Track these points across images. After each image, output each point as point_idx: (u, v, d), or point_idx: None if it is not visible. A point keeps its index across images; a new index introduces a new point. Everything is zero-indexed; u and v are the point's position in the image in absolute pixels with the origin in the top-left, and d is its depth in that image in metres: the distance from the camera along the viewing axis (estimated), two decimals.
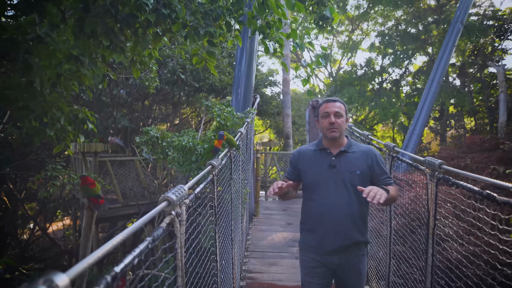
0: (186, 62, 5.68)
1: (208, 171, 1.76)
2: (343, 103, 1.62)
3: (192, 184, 1.43)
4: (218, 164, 1.85)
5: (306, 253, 1.62)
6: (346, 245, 1.52)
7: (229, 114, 4.06)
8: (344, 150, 1.57)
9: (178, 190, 1.15)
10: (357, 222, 1.52)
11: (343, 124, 1.57)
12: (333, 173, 1.54)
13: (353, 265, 1.56)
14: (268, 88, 9.52)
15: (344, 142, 1.60)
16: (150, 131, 4.40)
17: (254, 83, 5.33)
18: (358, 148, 1.61)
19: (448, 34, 8.69)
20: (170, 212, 1.09)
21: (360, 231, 1.54)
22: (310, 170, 1.60)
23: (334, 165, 1.55)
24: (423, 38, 14.64)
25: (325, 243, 1.53)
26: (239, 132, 3.08)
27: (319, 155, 1.61)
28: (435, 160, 1.66)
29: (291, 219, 5.20)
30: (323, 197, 1.54)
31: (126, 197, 6.04)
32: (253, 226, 4.79)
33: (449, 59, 8.45)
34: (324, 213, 1.53)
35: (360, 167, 1.54)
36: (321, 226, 1.54)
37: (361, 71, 15.88)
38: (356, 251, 1.56)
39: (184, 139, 3.84)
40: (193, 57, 1.85)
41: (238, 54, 4.85)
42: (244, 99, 4.66)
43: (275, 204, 6.44)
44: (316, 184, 1.56)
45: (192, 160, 3.70)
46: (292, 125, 9.15)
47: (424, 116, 7.89)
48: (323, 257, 1.55)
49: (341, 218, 1.51)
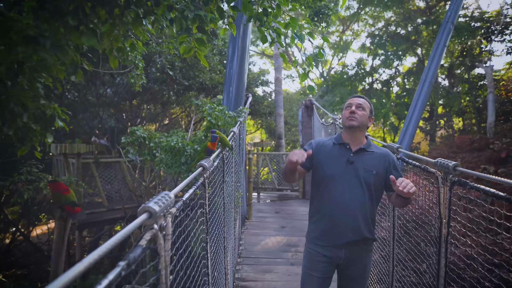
0: (175, 59, 5.44)
1: (199, 174, 1.58)
2: (369, 101, 1.65)
3: (181, 188, 1.24)
4: (209, 166, 1.66)
5: (313, 246, 1.62)
6: (355, 240, 1.54)
7: (220, 113, 3.86)
8: (363, 148, 1.58)
9: (162, 199, 0.95)
10: (367, 220, 1.55)
11: (363, 117, 1.57)
12: (350, 169, 1.55)
13: (359, 260, 1.58)
14: (260, 88, 9.37)
15: (364, 141, 1.62)
16: (137, 131, 4.16)
17: (246, 82, 5.15)
18: (377, 149, 1.62)
19: (439, 34, 8.72)
20: (151, 226, 0.90)
21: (370, 229, 1.56)
22: (328, 163, 1.59)
23: (352, 161, 1.55)
24: (413, 39, 14.77)
25: (335, 237, 1.55)
26: (232, 132, 2.90)
27: (337, 149, 1.61)
28: (448, 161, 1.52)
29: (284, 222, 5.04)
30: (338, 191, 1.54)
31: (112, 200, 5.76)
32: (246, 230, 4.60)
33: (440, 59, 8.47)
34: (337, 207, 1.54)
35: (377, 168, 1.56)
36: (333, 220, 1.55)
37: (352, 72, 15.92)
38: (363, 246, 1.58)
39: (173, 140, 3.62)
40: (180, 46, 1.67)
41: (230, 51, 4.66)
42: (236, 97, 4.47)
43: (267, 206, 6.27)
44: (331, 178, 1.56)
45: (182, 162, 3.49)
46: (284, 125, 9.01)
47: (416, 116, 7.87)
48: (331, 250, 1.56)
49: (354, 214, 1.52)
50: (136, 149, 4.22)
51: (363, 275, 1.60)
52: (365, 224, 1.54)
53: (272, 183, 7.93)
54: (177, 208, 1.08)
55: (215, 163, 1.96)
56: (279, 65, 8.40)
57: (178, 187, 1.16)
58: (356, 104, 1.59)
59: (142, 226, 0.91)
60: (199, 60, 6.08)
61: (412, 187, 1.33)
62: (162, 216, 0.90)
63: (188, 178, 1.40)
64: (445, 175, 1.53)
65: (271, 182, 8.12)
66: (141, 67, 4.32)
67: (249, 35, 4.80)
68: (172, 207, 1.01)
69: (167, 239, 0.98)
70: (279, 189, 7.78)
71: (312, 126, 6.67)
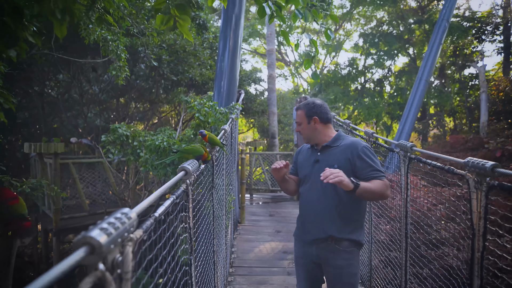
0: (162, 52, 5.08)
1: (180, 179, 1.26)
2: (305, 106, 1.64)
3: (153, 200, 0.92)
4: (194, 169, 1.34)
5: (295, 242, 1.71)
6: (321, 238, 1.53)
7: (210, 109, 3.54)
8: (327, 145, 1.60)
9: (115, 222, 0.63)
10: (334, 218, 1.50)
11: (304, 130, 1.64)
12: (316, 168, 1.58)
13: (331, 260, 1.52)
14: (252, 86, 9.06)
15: (329, 137, 1.62)
16: (119, 129, 3.80)
17: (238, 76, 4.85)
18: (344, 142, 1.59)
19: (434, 32, 8.58)
20: (95, 265, 0.58)
21: (337, 227, 1.50)
22: (302, 166, 1.69)
23: (317, 160, 1.60)
24: (406, 38, 14.72)
25: (304, 234, 1.61)
26: (223, 130, 2.59)
27: (310, 152, 1.69)
28: (485, 162, 1.27)
29: (279, 226, 4.76)
30: (307, 191, 1.61)
31: (96, 204, 5.37)
32: (238, 235, 4.29)
33: (436, 57, 8.33)
34: (306, 206, 1.61)
35: (339, 160, 1.53)
36: (303, 219, 1.63)
37: (345, 71, 15.78)
38: (334, 246, 1.51)
39: (158, 138, 3.29)
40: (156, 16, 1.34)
41: (221, 44, 4.34)
42: (228, 93, 4.15)
43: (260, 208, 5.97)
44: (304, 179, 1.65)
45: (167, 163, 3.16)
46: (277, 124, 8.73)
47: (413, 115, 7.71)
48: (304, 247, 1.61)
49: (318, 212, 1.54)
50: (118, 148, 3.86)
51: (340, 278, 1.50)
52: (331, 222, 1.50)
53: (265, 184, 7.64)
54: (144, 229, 0.76)
55: (202, 166, 1.64)
56: (272, 61, 8.11)
57: (147, 200, 0.84)
58: (296, 122, 1.68)
59: None
60: (189, 54, 5.72)
61: (335, 177, 1.30)
62: (114, 248, 0.60)
63: (164, 185, 1.09)
64: (480, 177, 1.30)
65: (264, 182, 7.84)
66: (123, 58, 3.98)
67: (241, 27, 4.49)
68: (133, 230, 0.70)
69: (126, 279, 0.66)
70: (272, 190, 7.49)
71: None
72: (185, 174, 1.26)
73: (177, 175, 1.23)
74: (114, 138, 3.78)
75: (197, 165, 1.37)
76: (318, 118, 1.60)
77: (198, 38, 5.67)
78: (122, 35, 4.16)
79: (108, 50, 3.80)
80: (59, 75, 8.58)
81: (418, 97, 7.88)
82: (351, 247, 1.51)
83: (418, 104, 7.90)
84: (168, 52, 5.30)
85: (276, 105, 8.05)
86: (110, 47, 3.74)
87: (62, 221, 4.70)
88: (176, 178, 1.20)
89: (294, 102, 12.23)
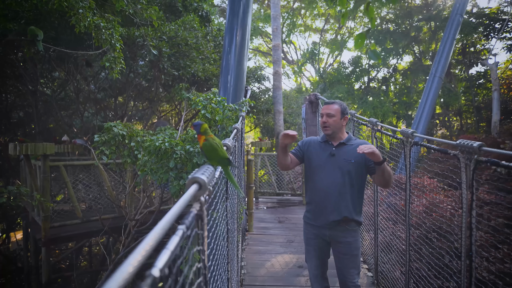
0: (163, 44, 4.65)
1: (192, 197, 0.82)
2: (340, 104, 1.90)
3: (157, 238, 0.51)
4: (208, 181, 0.89)
5: (306, 225, 1.97)
6: (336, 220, 1.81)
7: (218, 105, 3.13)
8: (343, 143, 1.88)
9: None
10: (347, 201, 1.80)
11: (334, 123, 1.86)
12: (332, 160, 1.85)
13: (341, 238, 1.83)
14: (256, 84, 8.64)
15: (344, 137, 1.91)
16: (114, 128, 3.39)
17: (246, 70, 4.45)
18: (356, 141, 1.89)
19: (447, 27, 8.18)
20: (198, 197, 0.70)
21: (349, 210, 1.81)
22: (315, 157, 1.91)
23: (333, 154, 1.86)
24: (413, 36, 14.34)
25: (319, 218, 1.86)
26: (235, 130, 2.17)
27: (323, 145, 1.92)
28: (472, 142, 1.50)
29: (291, 235, 4.34)
30: (321, 179, 1.85)
31: (91, 209, 4.95)
32: (247, 246, 3.87)
33: (450, 52, 7.93)
34: (321, 192, 1.84)
35: (355, 157, 1.81)
36: (317, 203, 1.87)
37: (349, 69, 15.40)
38: (345, 226, 1.82)
39: (158, 139, 2.87)
40: None
41: (227, 36, 3.92)
42: (235, 88, 3.74)
43: (268, 214, 5.55)
44: (317, 168, 1.88)
45: (170, 167, 2.74)
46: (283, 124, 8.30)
47: (427, 113, 7.31)
48: (318, 229, 1.88)
49: (334, 197, 1.80)
50: (113, 149, 3.44)
51: (350, 252, 1.84)
52: (345, 206, 1.80)
53: (271, 186, 7.23)
54: None
55: (217, 173, 1.21)
56: (278, 58, 7.70)
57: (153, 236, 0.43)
58: (326, 114, 1.88)
59: None
60: (191, 48, 5.28)
61: (369, 148, 1.59)
62: None
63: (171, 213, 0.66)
64: (468, 155, 1.52)
65: (269, 185, 7.42)
66: (118, 48, 3.56)
67: (249, 17, 4.08)
68: None
69: None
70: (279, 193, 7.08)
71: (317, 124, 5.99)
72: (199, 189, 0.80)
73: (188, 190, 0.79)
74: (108, 138, 3.36)
75: (212, 172, 0.92)
76: (348, 118, 1.92)
77: (201, 30, 5.25)
78: (117, 23, 3.75)
79: (101, 40, 3.38)
80: (55, 73, 8.17)
81: (432, 96, 7.48)
82: (356, 226, 1.86)
83: (432, 103, 7.51)
84: (169, 45, 4.88)
85: (282, 103, 7.64)
86: (103, 35, 3.32)
87: (52, 229, 4.27)
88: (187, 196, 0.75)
89: (298, 101, 11.80)
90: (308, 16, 18.75)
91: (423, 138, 2.74)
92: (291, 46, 20.02)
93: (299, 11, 18.35)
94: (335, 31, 18.65)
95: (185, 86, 5.35)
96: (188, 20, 4.91)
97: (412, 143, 2.22)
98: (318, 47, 16.79)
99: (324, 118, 1.87)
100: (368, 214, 3.39)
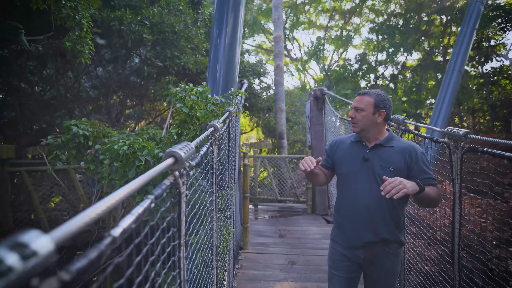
0: (144, 30, 3.96)
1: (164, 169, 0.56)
2: (377, 95, 1.53)
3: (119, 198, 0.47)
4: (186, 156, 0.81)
5: (334, 244, 1.61)
6: (373, 241, 1.48)
7: (200, 97, 2.46)
8: (380, 144, 1.51)
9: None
10: (386, 219, 1.46)
11: (364, 118, 1.51)
12: (365, 167, 1.50)
13: (379, 262, 1.51)
14: (256, 81, 7.96)
15: (382, 136, 1.54)
16: (73, 126, 2.73)
17: (239, 64, 3.79)
18: (398, 143, 1.52)
19: (466, 16, 7.43)
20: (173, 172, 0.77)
21: (390, 229, 1.47)
22: (344, 162, 1.58)
23: (367, 159, 1.51)
24: (423, 29, 13.58)
25: (351, 238, 1.52)
26: (211, 128, 1.49)
27: (355, 147, 1.58)
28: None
29: (294, 253, 3.65)
30: (353, 190, 1.52)
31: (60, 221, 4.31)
32: (240, 270, 3.19)
33: (469, 44, 7.18)
34: (353, 206, 1.51)
35: (396, 163, 1.46)
36: (349, 220, 1.53)
37: (355, 66, 14.70)
38: (383, 248, 1.49)
39: (118, 141, 2.21)
40: None
41: (217, 13, 3.25)
42: (225, 77, 3.07)
43: (268, 226, 4.87)
44: (347, 177, 1.55)
45: (129, 177, 2.08)
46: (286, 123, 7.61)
47: (445, 109, 6.59)
48: (349, 251, 1.54)
49: (369, 213, 1.47)
50: (73, 153, 2.79)
51: (386, 280, 1.52)
52: (384, 225, 1.46)
53: (272, 192, 6.55)
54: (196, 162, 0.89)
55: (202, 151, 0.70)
56: (279, 50, 7.01)
57: None
58: (355, 107, 1.55)
59: None
60: (179, 36, 4.59)
61: (400, 191, 1.23)
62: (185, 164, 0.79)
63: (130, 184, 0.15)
64: (456, 143, 1.58)
65: (270, 189, 6.74)
66: (86, 27, 2.90)
67: None
68: None
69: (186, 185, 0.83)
70: (280, 200, 6.39)
71: (323, 122, 5.30)
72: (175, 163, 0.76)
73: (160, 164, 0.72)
74: (66, 140, 2.71)
75: (192, 150, 0.84)
76: (385, 113, 1.51)
77: (189, 13, 4.56)
78: None
79: (63, 16, 2.74)
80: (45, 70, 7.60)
81: (451, 92, 6.74)
82: (398, 249, 1.52)
83: (451, 100, 6.77)
84: (152, 32, 4.21)
85: (284, 100, 6.96)
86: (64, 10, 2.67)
87: None
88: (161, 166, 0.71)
89: (302, 98, 11.10)
90: (312, 12, 18.06)
91: None
92: (294, 44, 19.35)
93: (303, 7, 17.66)
94: (341, 27, 17.93)
95: (172, 80, 4.70)
96: (173, 1, 4.25)
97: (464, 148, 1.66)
98: (322, 42, 16.06)
99: (352, 113, 1.55)
100: None
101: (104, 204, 0.46)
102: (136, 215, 0.52)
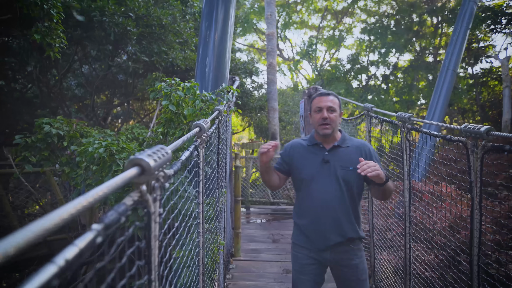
0: (128, 22, 3.69)
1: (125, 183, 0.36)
2: (337, 96, 1.56)
3: None
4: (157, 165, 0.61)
5: (299, 249, 1.57)
6: (339, 242, 1.49)
7: (187, 94, 2.23)
8: (338, 145, 1.53)
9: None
10: (350, 219, 1.50)
11: (336, 119, 1.51)
12: (326, 169, 1.51)
13: (347, 261, 1.52)
14: (248, 80, 7.73)
15: (337, 137, 1.57)
16: (45, 126, 2.46)
17: (230, 61, 3.56)
18: (352, 142, 1.57)
19: (460, 16, 7.39)
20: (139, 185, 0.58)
21: (354, 228, 1.50)
22: (303, 166, 1.56)
23: (327, 160, 1.52)
24: (415, 30, 13.62)
25: (316, 241, 1.51)
26: (196, 128, 1.26)
27: (312, 150, 1.57)
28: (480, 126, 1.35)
29: (288, 260, 3.44)
30: (316, 193, 1.51)
31: None
32: (231, 282, 2.97)
33: (463, 44, 7.12)
34: (316, 210, 1.50)
35: (354, 162, 1.46)
36: (313, 224, 1.52)
37: (347, 66, 14.65)
38: (350, 246, 1.52)
39: (94, 142, 1.96)
40: None
41: (207, 4, 3.01)
42: (216, 73, 2.84)
43: (260, 229, 4.66)
44: (309, 180, 1.53)
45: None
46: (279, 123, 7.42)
47: (440, 109, 6.51)
48: (316, 253, 1.53)
49: (335, 214, 1.48)
50: (46, 155, 2.51)
51: (357, 277, 1.52)
52: (348, 224, 1.49)
53: (265, 194, 6.34)
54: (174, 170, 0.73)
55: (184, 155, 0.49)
56: (272, 48, 6.82)
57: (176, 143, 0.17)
58: (327, 107, 1.50)
59: None
60: (167, 30, 4.33)
61: (375, 170, 1.27)
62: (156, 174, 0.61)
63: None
64: (475, 141, 1.41)
65: (263, 191, 6.53)
66: (56, 18, 2.63)
67: None
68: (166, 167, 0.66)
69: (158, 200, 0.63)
70: (273, 202, 6.19)
71: None
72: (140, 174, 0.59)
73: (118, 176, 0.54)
74: (36, 140, 2.43)
75: (167, 156, 0.66)
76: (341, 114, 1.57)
77: (177, 5, 4.31)
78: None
79: (29, 5, 2.45)
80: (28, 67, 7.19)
81: (445, 92, 6.67)
82: (360, 243, 1.56)
83: (445, 101, 6.69)
84: (138, 25, 3.94)
85: (277, 99, 6.76)
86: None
87: None
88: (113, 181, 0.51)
89: (295, 97, 10.93)
90: (304, 12, 17.94)
91: None
92: (286, 43, 19.21)
93: (295, 7, 17.53)
94: (333, 27, 17.89)
95: (160, 76, 4.44)
96: None
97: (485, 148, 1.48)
98: (314, 41, 15.95)
99: (325, 113, 1.48)
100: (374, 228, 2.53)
101: None
102: None
